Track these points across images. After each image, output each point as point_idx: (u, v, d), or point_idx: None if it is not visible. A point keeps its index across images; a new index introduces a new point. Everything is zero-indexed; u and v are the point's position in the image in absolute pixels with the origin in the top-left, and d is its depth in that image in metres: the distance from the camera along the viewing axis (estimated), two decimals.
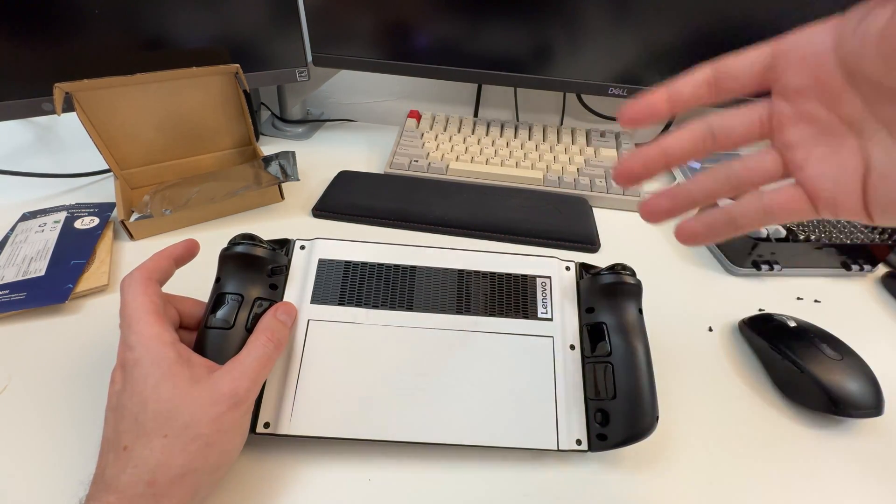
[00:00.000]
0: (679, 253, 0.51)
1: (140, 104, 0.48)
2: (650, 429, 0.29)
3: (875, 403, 0.33)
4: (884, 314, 0.45)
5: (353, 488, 0.29)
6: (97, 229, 0.45)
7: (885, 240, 0.47)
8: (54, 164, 0.57)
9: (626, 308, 0.33)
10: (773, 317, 0.40)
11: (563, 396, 0.31)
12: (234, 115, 0.54)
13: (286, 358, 0.31)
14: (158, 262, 0.30)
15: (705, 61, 0.23)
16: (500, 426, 0.30)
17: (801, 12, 0.50)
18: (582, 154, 0.62)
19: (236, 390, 0.25)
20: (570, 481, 0.31)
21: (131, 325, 0.26)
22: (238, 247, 0.31)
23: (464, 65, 0.60)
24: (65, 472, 0.29)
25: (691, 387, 0.37)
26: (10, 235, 0.45)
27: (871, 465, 0.33)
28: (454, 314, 0.33)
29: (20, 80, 0.48)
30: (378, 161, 0.64)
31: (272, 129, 0.70)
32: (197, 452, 0.24)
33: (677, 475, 0.31)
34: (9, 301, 0.37)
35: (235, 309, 0.30)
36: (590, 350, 0.33)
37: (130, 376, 0.25)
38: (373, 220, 0.51)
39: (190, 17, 0.53)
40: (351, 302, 0.33)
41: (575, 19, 0.55)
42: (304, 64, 0.61)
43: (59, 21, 0.47)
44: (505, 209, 0.53)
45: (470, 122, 0.67)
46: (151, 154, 0.52)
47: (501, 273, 0.35)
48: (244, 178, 0.52)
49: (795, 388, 0.36)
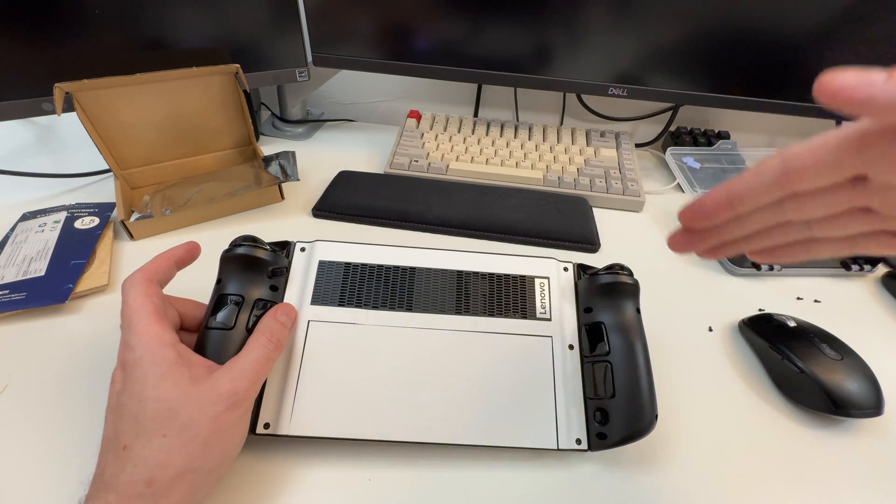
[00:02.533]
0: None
1: (140, 104, 0.48)
2: (649, 427, 0.29)
3: (875, 403, 0.33)
4: (884, 314, 0.45)
5: (353, 488, 0.29)
6: (97, 229, 0.45)
7: None
8: (54, 164, 0.57)
9: (624, 307, 0.33)
10: (773, 317, 0.40)
11: (562, 396, 0.31)
12: (234, 115, 0.54)
13: (286, 358, 0.31)
14: (159, 264, 0.30)
15: (705, 61, 0.22)
16: (500, 426, 0.30)
17: (802, 12, 0.50)
18: (582, 154, 0.62)
19: (235, 390, 0.25)
20: (570, 481, 0.31)
21: (132, 325, 0.26)
22: (239, 248, 0.32)
23: (464, 65, 0.60)
24: (65, 473, 0.29)
25: (691, 387, 0.37)
26: (10, 235, 0.45)
27: (871, 465, 0.33)
28: (453, 315, 0.33)
29: (20, 80, 0.48)
30: (378, 161, 0.64)
31: (272, 129, 0.70)
32: (196, 452, 0.24)
33: (677, 475, 0.31)
34: (9, 301, 0.37)
35: (236, 310, 0.30)
36: (588, 350, 0.33)
37: (131, 376, 0.25)
38: (373, 220, 0.52)
39: (190, 17, 0.53)
40: (351, 303, 0.33)
41: (575, 19, 0.55)
42: (304, 64, 0.61)
43: (59, 21, 0.47)
44: (505, 209, 0.53)
45: (470, 122, 0.67)
46: (151, 154, 0.52)
47: (500, 274, 0.35)
48: (244, 178, 0.52)
49: (795, 388, 0.36)
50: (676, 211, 0.22)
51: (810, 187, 0.18)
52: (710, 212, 0.20)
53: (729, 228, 0.21)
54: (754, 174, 0.19)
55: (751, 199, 0.20)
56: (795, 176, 0.18)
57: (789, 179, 0.18)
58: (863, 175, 0.17)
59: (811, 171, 0.18)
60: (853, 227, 0.19)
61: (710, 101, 0.57)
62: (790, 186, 0.18)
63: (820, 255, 0.21)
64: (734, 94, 0.56)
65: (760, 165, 0.19)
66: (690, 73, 0.56)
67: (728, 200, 0.20)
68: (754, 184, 0.19)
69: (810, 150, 0.18)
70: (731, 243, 0.22)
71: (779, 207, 0.20)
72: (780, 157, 0.18)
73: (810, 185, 0.18)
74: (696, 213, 0.21)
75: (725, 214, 0.20)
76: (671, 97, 0.59)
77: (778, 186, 0.19)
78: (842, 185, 0.18)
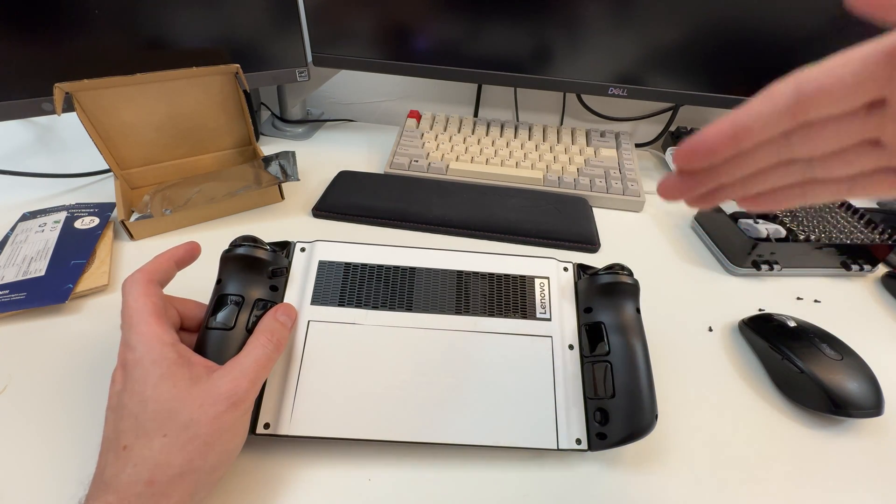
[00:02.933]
0: (679, 253, 0.51)
1: (140, 104, 0.48)
2: (649, 427, 0.29)
3: (875, 403, 0.33)
4: (884, 314, 0.45)
5: (353, 488, 0.29)
6: (97, 229, 0.45)
7: (886, 240, 0.47)
8: (54, 164, 0.58)
9: (624, 307, 0.33)
10: (773, 317, 0.40)
11: (562, 396, 0.31)
12: (234, 115, 0.54)
13: (286, 359, 0.31)
14: (160, 264, 0.30)
15: (705, 61, 0.21)
16: (500, 426, 0.30)
17: (801, 12, 0.50)
18: (582, 154, 0.62)
19: (235, 390, 0.25)
20: (570, 481, 0.31)
21: (132, 325, 0.26)
22: (239, 249, 0.32)
23: (464, 65, 0.60)
24: (64, 472, 0.29)
25: (691, 387, 0.37)
26: (10, 235, 0.45)
27: (871, 465, 0.33)
28: (453, 315, 0.33)
29: (20, 80, 0.48)
30: (378, 161, 0.64)
31: (272, 129, 0.70)
32: (196, 452, 0.24)
33: (677, 475, 0.31)
34: (9, 301, 0.37)
35: (236, 310, 0.30)
36: (588, 350, 0.33)
37: (131, 376, 0.25)
38: (373, 220, 0.52)
39: (190, 17, 0.53)
40: (351, 303, 0.33)
41: (575, 19, 0.55)
42: (304, 64, 0.61)
43: (59, 21, 0.47)
44: (505, 209, 0.53)
45: (470, 122, 0.67)
46: (151, 154, 0.52)
47: (500, 274, 0.35)
48: (244, 178, 0.52)
49: (795, 388, 0.36)
50: (671, 152, 0.20)
51: (824, 114, 0.17)
52: (712, 147, 0.18)
53: (727, 168, 0.19)
54: (764, 101, 0.17)
55: (759, 130, 0.18)
56: (810, 101, 0.17)
57: (803, 106, 0.17)
58: (881, 100, 0.16)
59: (828, 94, 0.16)
60: (858, 163, 0.18)
61: (710, 101, 0.57)
62: (803, 114, 0.17)
63: (816, 198, 0.20)
64: (734, 94, 0.56)
65: (771, 91, 0.17)
66: (690, 73, 0.56)
67: (733, 133, 0.18)
68: (764, 112, 0.17)
69: (829, 71, 0.16)
70: (727, 187, 0.20)
71: (785, 142, 0.18)
72: (795, 81, 0.17)
73: (825, 111, 0.17)
74: (697, 151, 0.19)
75: (728, 150, 0.18)
76: (671, 97, 0.59)
77: (789, 115, 0.17)
78: (856, 114, 0.17)
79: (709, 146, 0.18)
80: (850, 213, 0.50)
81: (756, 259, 0.46)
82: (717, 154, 0.18)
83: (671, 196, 0.21)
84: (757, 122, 0.17)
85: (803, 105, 0.17)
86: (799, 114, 0.17)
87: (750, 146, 0.18)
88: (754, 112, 0.17)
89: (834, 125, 0.17)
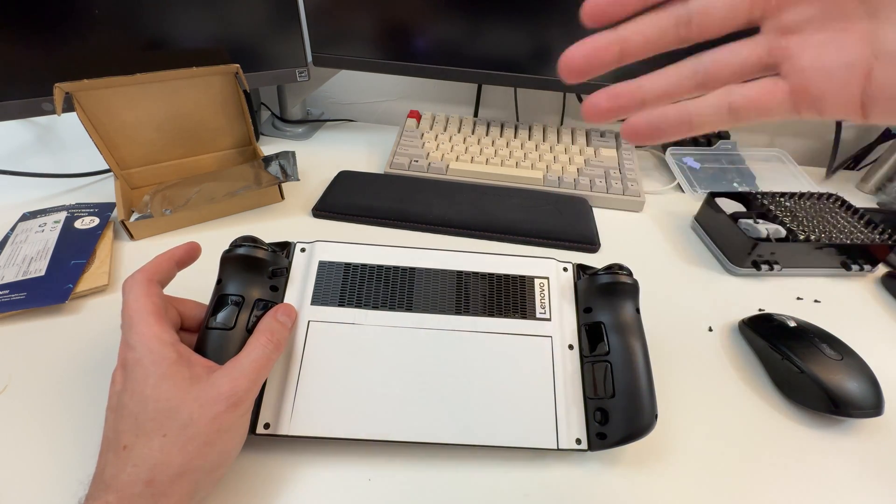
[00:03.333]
0: (679, 253, 0.51)
1: (140, 104, 0.48)
2: (649, 427, 0.29)
3: (875, 403, 0.33)
4: (884, 314, 0.45)
5: (353, 488, 0.29)
6: (97, 229, 0.45)
7: (886, 240, 0.47)
8: (54, 164, 0.58)
9: (624, 307, 0.33)
10: (773, 317, 0.40)
11: (562, 396, 0.31)
12: (234, 115, 0.54)
13: (286, 359, 0.31)
14: (160, 265, 0.30)
15: None
16: (500, 426, 0.30)
17: None
18: (582, 154, 0.62)
19: (235, 390, 0.26)
20: (570, 481, 0.31)
21: (132, 325, 0.26)
22: (239, 249, 0.32)
23: (464, 65, 0.60)
24: (64, 472, 0.29)
25: (691, 387, 0.37)
26: (10, 235, 0.45)
27: (871, 465, 0.33)
28: (453, 315, 0.33)
29: (20, 80, 0.48)
30: (378, 161, 0.64)
31: (272, 129, 0.70)
32: (196, 452, 0.24)
33: (677, 474, 0.31)
34: (9, 301, 0.37)
35: (236, 310, 0.30)
36: (588, 349, 0.33)
37: (131, 376, 0.25)
38: (373, 220, 0.52)
39: (190, 17, 0.53)
40: (351, 303, 0.33)
41: (575, 19, 0.55)
42: (304, 64, 0.61)
43: (59, 21, 0.47)
44: (505, 209, 0.53)
45: (470, 122, 0.67)
46: (151, 154, 0.52)
47: (499, 274, 0.35)
48: (244, 178, 0.52)
49: (795, 388, 0.36)
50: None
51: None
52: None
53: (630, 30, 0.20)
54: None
55: (641, 21, 0.19)
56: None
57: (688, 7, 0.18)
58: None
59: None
60: (749, 47, 0.18)
61: None
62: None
63: (702, 120, 0.19)
64: None
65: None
66: None
67: (615, 32, 0.19)
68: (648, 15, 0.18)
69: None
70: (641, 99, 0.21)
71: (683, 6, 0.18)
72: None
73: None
74: (577, 46, 0.20)
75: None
76: None
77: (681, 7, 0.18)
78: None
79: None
80: (851, 213, 0.50)
81: (756, 259, 0.46)
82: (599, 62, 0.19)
83: (596, 112, 0.21)
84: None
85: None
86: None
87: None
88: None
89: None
